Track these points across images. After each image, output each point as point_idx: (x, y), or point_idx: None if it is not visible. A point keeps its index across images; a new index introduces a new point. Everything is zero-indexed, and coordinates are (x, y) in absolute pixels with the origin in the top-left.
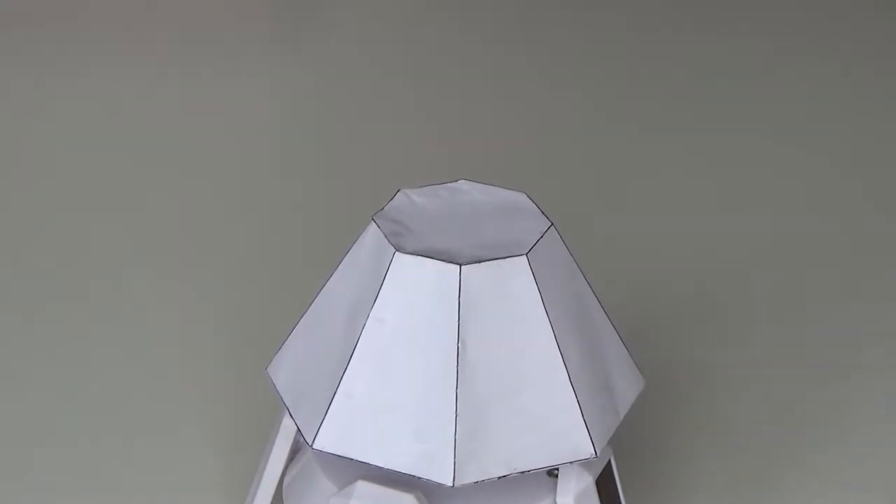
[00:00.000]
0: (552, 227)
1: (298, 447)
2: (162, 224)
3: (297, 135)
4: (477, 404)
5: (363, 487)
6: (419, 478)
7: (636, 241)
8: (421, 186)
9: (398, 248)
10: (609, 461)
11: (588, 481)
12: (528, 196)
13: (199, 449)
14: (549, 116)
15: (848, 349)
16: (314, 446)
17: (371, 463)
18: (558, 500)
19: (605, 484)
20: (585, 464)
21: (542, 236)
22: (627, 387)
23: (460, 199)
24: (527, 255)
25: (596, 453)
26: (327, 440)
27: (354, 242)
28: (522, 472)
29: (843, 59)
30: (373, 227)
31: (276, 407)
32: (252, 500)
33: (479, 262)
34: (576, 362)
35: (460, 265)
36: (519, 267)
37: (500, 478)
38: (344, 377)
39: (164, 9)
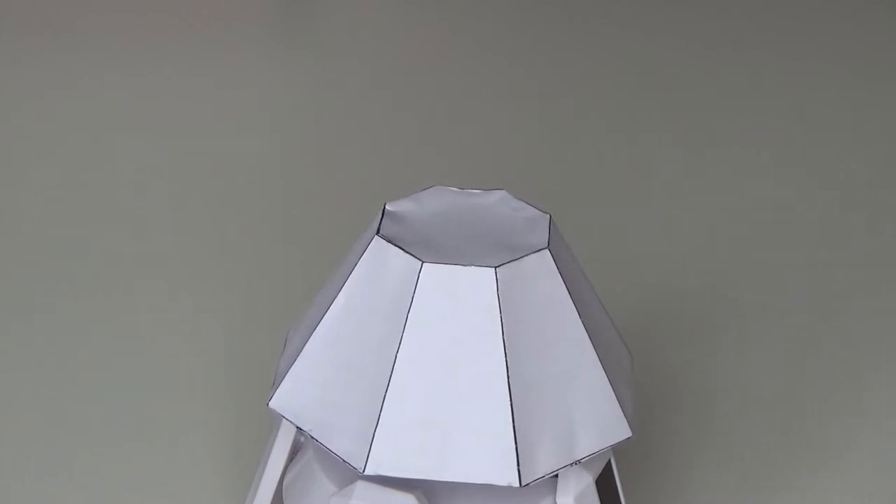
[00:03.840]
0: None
1: (298, 447)
2: (159, 224)
3: (296, 135)
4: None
5: (363, 487)
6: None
7: (636, 242)
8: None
9: (424, 261)
10: (609, 461)
11: (588, 481)
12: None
13: (199, 450)
14: (549, 116)
15: (850, 351)
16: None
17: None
18: (558, 500)
19: (605, 484)
20: (585, 463)
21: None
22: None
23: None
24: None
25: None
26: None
27: (359, 258)
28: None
29: (844, 59)
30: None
31: None
32: (252, 500)
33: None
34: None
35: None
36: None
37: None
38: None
39: (164, 8)
